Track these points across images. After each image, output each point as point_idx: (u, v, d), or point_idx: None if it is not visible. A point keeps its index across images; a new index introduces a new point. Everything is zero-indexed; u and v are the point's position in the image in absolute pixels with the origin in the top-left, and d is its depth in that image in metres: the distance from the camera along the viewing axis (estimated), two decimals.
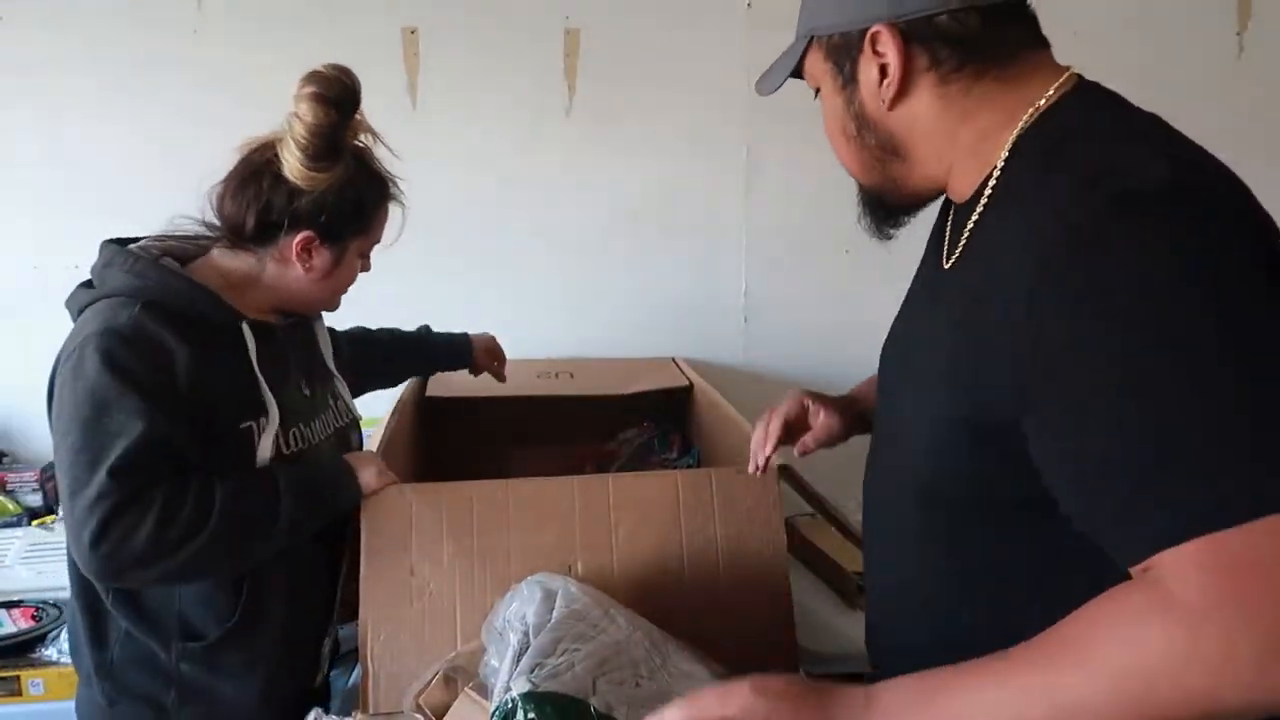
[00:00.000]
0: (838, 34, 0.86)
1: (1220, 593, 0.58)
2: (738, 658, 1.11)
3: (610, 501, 1.22)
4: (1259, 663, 0.56)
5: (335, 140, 1.16)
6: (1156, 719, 0.60)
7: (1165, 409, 0.63)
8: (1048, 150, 0.79)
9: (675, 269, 2.24)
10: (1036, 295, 0.70)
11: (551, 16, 2.14)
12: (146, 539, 1.05)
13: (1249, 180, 0.73)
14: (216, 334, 1.16)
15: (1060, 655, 0.63)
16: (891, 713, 0.69)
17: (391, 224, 1.30)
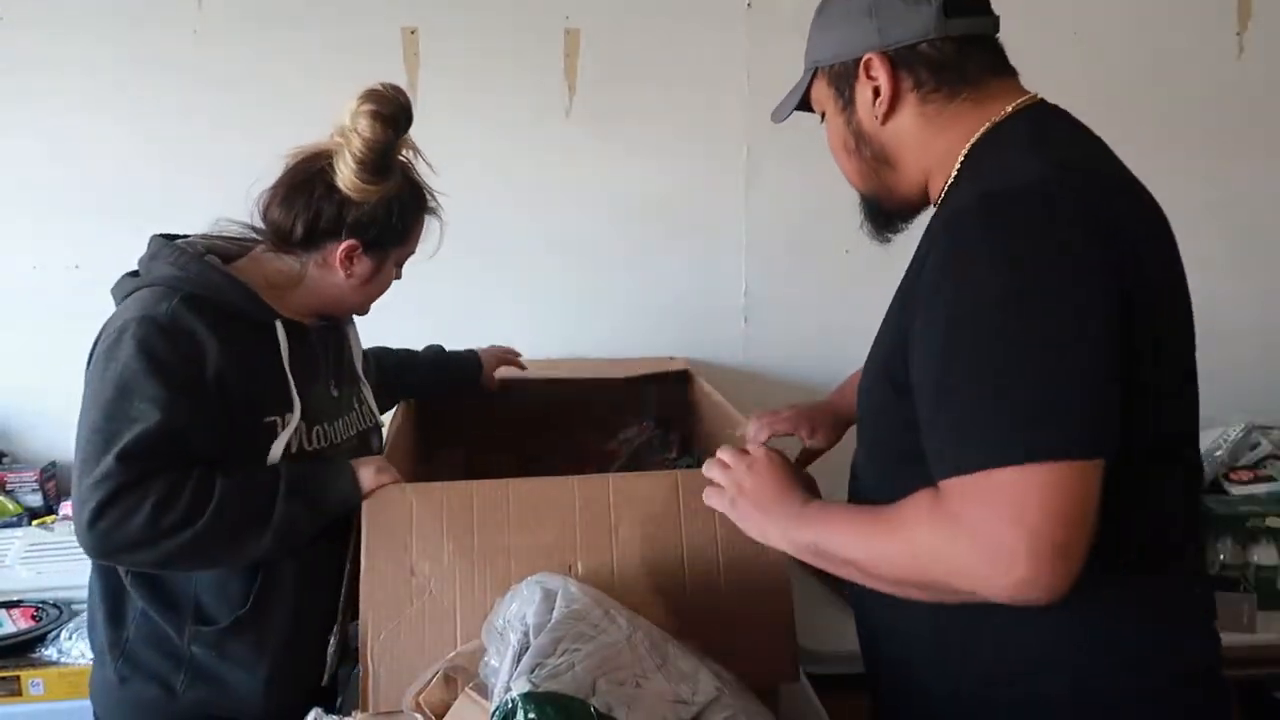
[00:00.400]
0: (838, 64, 1.03)
1: (968, 515, 0.82)
2: (738, 658, 1.12)
3: (610, 501, 1.22)
4: (978, 567, 0.81)
5: (388, 156, 1.22)
6: (919, 580, 0.88)
7: (957, 373, 0.85)
8: (978, 159, 0.96)
9: (675, 269, 2.24)
10: (922, 270, 0.91)
11: (551, 16, 2.14)
12: (141, 525, 1.08)
13: (1248, 179, 0.74)
14: (251, 330, 1.21)
15: (886, 522, 0.91)
16: (791, 516, 1.02)
17: (430, 236, 1.37)
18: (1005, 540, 0.79)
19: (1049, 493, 0.79)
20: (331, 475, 1.22)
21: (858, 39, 1.01)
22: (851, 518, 0.97)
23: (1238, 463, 2.12)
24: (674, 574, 1.20)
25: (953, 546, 0.83)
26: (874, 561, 0.92)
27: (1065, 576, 0.79)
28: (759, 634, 1.19)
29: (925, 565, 0.86)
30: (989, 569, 0.80)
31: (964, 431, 0.84)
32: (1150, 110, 2.23)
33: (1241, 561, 1.84)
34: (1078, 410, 0.81)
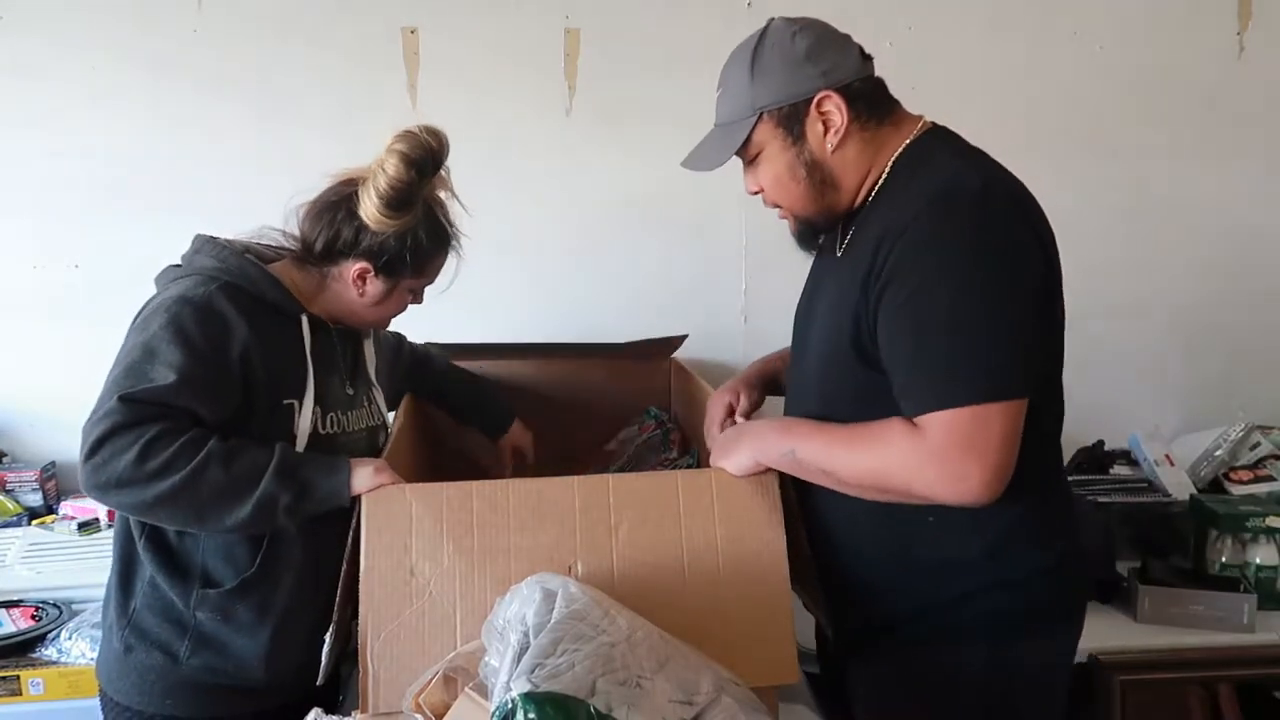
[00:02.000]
0: (786, 105, 1.20)
1: (936, 441, 1.07)
2: (738, 657, 1.12)
3: (610, 501, 1.22)
4: (938, 480, 1.07)
5: (410, 195, 1.30)
6: (883, 486, 1.13)
7: (940, 328, 1.08)
8: (910, 169, 1.20)
9: (675, 269, 2.24)
10: (894, 247, 1.11)
11: (551, 16, 2.14)
12: (129, 463, 1.14)
13: (1248, 178, 0.74)
14: (279, 320, 1.31)
15: (860, 439, 1.15)
16: (771, 431, 1.24)
17: (447, 271, 1.44)
18: (962, 464, 1.06)
19: (996, 425, 1.06)
20: (325, 468, 1.24)
21: (803, 83, 1.19)
22: (827, 433, 1.19)
23: (1238, 463, 2.12)
24: (674, 574, 1.20)
25: (920, 465, 1.08)
26: (846, 469, 1.15)
27: (998, 488, 1.07)
28: (759, 634, 1.19)
29: (892, 475, 1.11)
30: (947, 485, 1.07)
31: (935, 378, 1.08)
32: (1150, 110, 2.23)
33: (1241, 561, 1.84)
34: (1018, 363, 1.09)
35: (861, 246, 1.19)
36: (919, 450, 1.08)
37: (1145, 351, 2.31)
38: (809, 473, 1.20)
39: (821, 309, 1.29)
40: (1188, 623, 1.76)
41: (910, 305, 1.10)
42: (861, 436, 1.15)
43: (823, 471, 1.18)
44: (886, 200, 1.20)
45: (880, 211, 1.20)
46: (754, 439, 1.26)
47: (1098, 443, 2.16)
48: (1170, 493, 2.03)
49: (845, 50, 1.20)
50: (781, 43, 1.20)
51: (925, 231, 1.10)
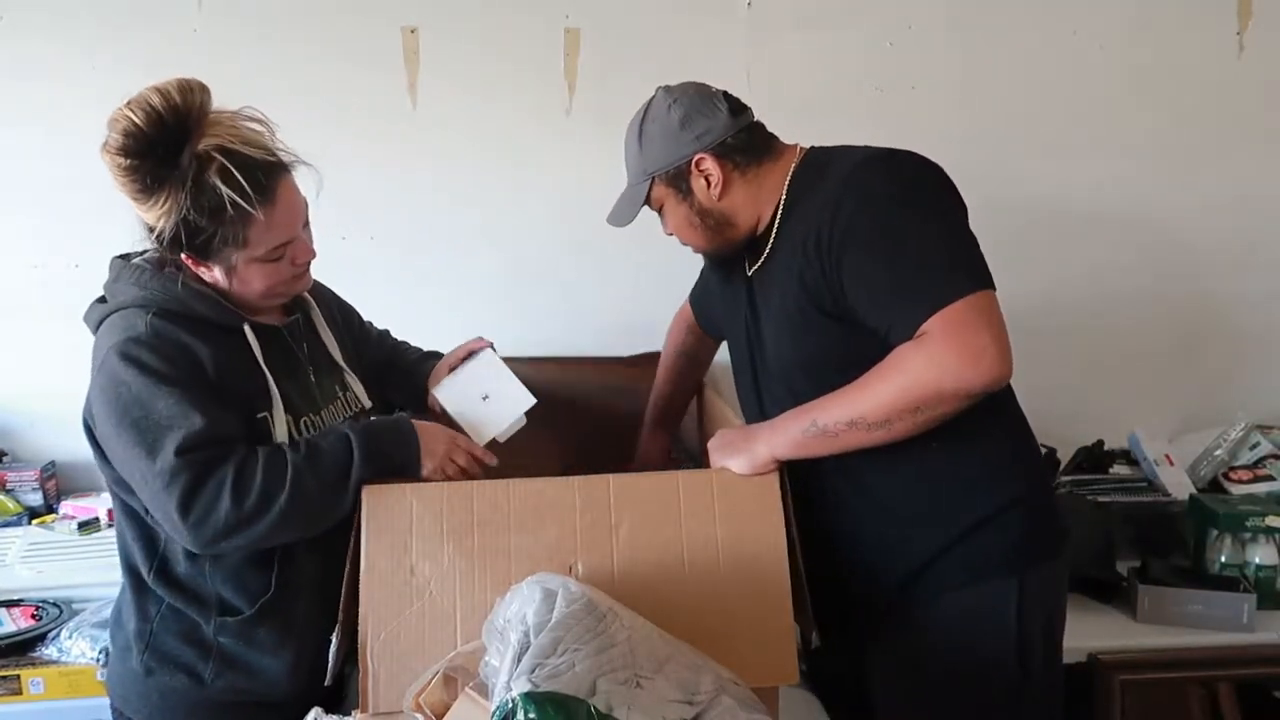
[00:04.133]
0: (671, 168, 1.38)
1: (946, 333, 1.16)
2: (738, 657, 1.12)
3: (610, 501, 1.22)
4: (961, 365, 1.15)
5: (145, 176, 1.16)
6: (915, 400, 1.18)
7: (909, 252, 1.20)
8: (810, 179, 1.35)
9: (675, 269, 2.23)
10: (836, 216, 1.24)
11: (551, 16, 2.14)
12: (227, 512, 1.13)
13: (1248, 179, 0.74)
14: (224, 334, 1.24)
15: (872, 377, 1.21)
16: (779, 421, 1.29)
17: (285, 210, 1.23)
18: (980, 341, 1.15)
19: (987, 307, 1.17)
20: (394, 440, 1.27)
21: (682, 148, 1.37)
22: (838, 392, 1.24)
23: (1238, 463, 2.12)
24: (674, 574, 1.20)
25: (943, 358, 1.15)
26: (874, 407, 1.20)
27: (1010, 364, 1.17)
28: (759, 634, 1.19)
29: (920, 385, 1.17)
30: (971, 367, 1.15)
31: (918, 293, 1.18)
32: (1150, 110, 2.23)
33: (1241, 561, 1.84)
34: (981, 261, 1.23)
35: (790, 241, 1.34)
36: (932, 349, 1.16)
37: (1145, 351, 2.31)
38: (838, 435, 1.23)
39: (770, 314, 1.39)
40: (1187, 622, 1.76)
41: (874, 249, 1.22)
42: (874, 376, 1.21)
43: (850, 424, 1.21)
44: (797, 210, 1.34)
45: (794, 220, 1.34)
46: (767, 433, 1.28)
47: (1098, 443, 2.16)
48: (1170, 492, 2.03)
49: (714, 114, 1.37)
50: (660, 115, 1.39)
51: (861, 192, 1.25)
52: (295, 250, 1.27)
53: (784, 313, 1.35)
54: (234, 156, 1.16)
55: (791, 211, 1.36)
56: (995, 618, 1.31)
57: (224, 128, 1.18)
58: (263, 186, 1.19)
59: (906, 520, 1.32)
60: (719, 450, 1.30)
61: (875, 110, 2.17)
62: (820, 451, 1.25)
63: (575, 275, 2.23)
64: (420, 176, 2.16)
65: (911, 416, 1.19)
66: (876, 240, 1.22)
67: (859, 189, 1.25)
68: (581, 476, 1.24)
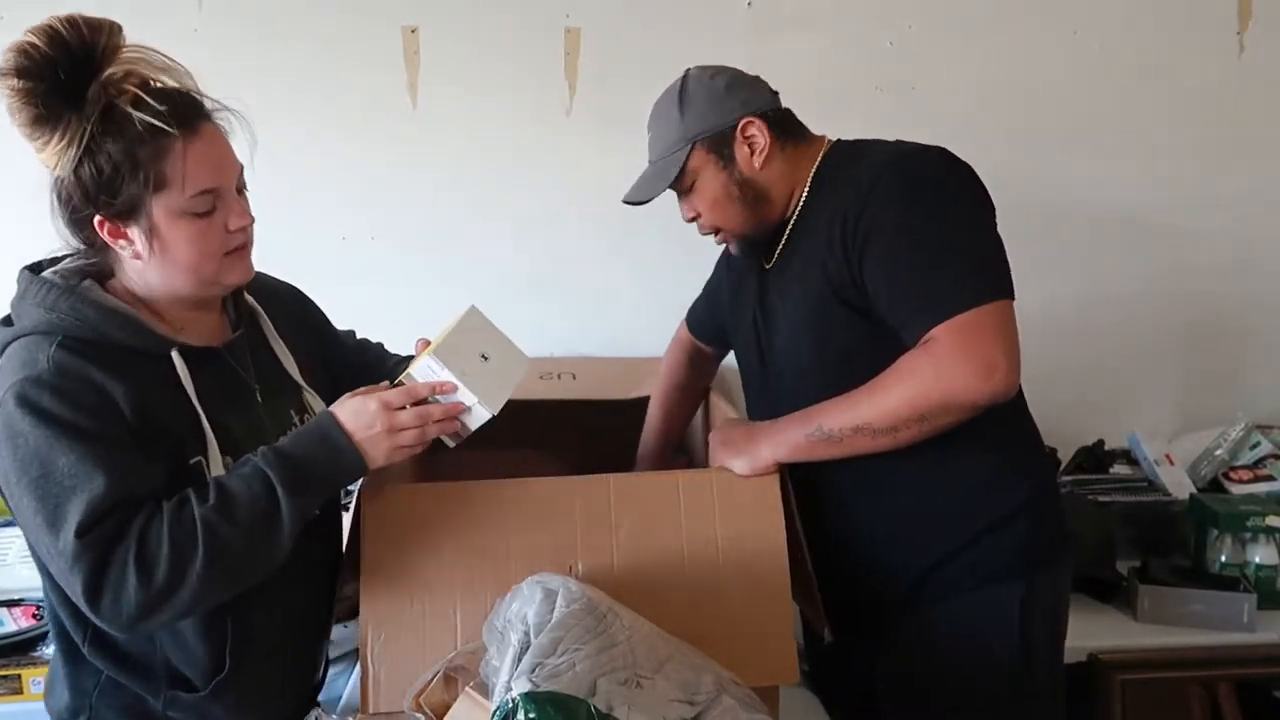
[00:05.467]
0: (715, 133, 1.35)
1: (956, 343, 1.15)
2: (738, 657, 1.12)
3: (610, 501, 1.22)
4: (970, 377, 1.14)
5: (39, 101, 1.01)
6: (924, 410, 1.17)
7: (931, 253, 1.20)
8: (836, 171, 1.34)
9: (675, 269, 2.24)
10: (863, 209, 1.23)
11: (551, 16, 2.14)
12: (136, 592, 0.96)
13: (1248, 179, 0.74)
14: (147, 364, 1.05)
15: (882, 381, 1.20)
16: (782, 423, 1.26)
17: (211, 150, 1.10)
18: (991, 354, 1.14)
19: (1000, 319, 1.16)
20: (326, 456, 1.06)
21: (729, 112, 1.35)
22: (844, 397, 1.22)
23: (1238, 463, 2.12)
24: (674, 574, 1.20)
25: (953, 368, 1.14)
26: (880, 414, 1.18)
27: (1018, 377, 1.17)
28: (759, 634, 1.19)
29: (928, 393, 1.16)
30: (981, 379, 1.14)
31: (933, 297, 1.17)
32: (1150, 110, 2.23)
33: (1241, 561, 1.84)
34: (1002, 269, 1.21)
35: (812, 231, 1.33)
36: (942, 358, 1.15)
37: (1145, 351, 2.31)
38: (842, 440, 1.22)
39: (787, 308, 1.37)
40: (1187, 622, 1.76)
41: (896, 246, 1.21)
42: (880, 382, 1.20)
43: (855, 430, 1.20)
44: (821, 201, 1.34)
45: (817, 211, 1.33)
46: (770, 434, 1.26)
47: (1098, 442, 2.16)
48: (1170, 492, 2.03)
49: (757, 86, 1.39)
50: (703, 82, 1.37)
51: (889, 186, 1.24)
52: (228, 208, 1.09)
53: (804, 306, 1.33)
54: (149, 87, 1.04)
55: (815, 202, 1.35)
56: (1002, 621, 1.31)
57: (140, 61, 1.05)
58: (184, 116, 1.05)
59: (917, 522, 1.32)
60: (721, 447, 1.29)
61: (875, 110, 2.17)
62: (823, 456, 1.23)
63: (575, 275, 2.23)
64: (420, 176, 2.16)
65: (918, 425, 1.18)
66: (899, 237, 1.21)
67: (888, 183, 1.24)
68: (581, 476, 1.25)
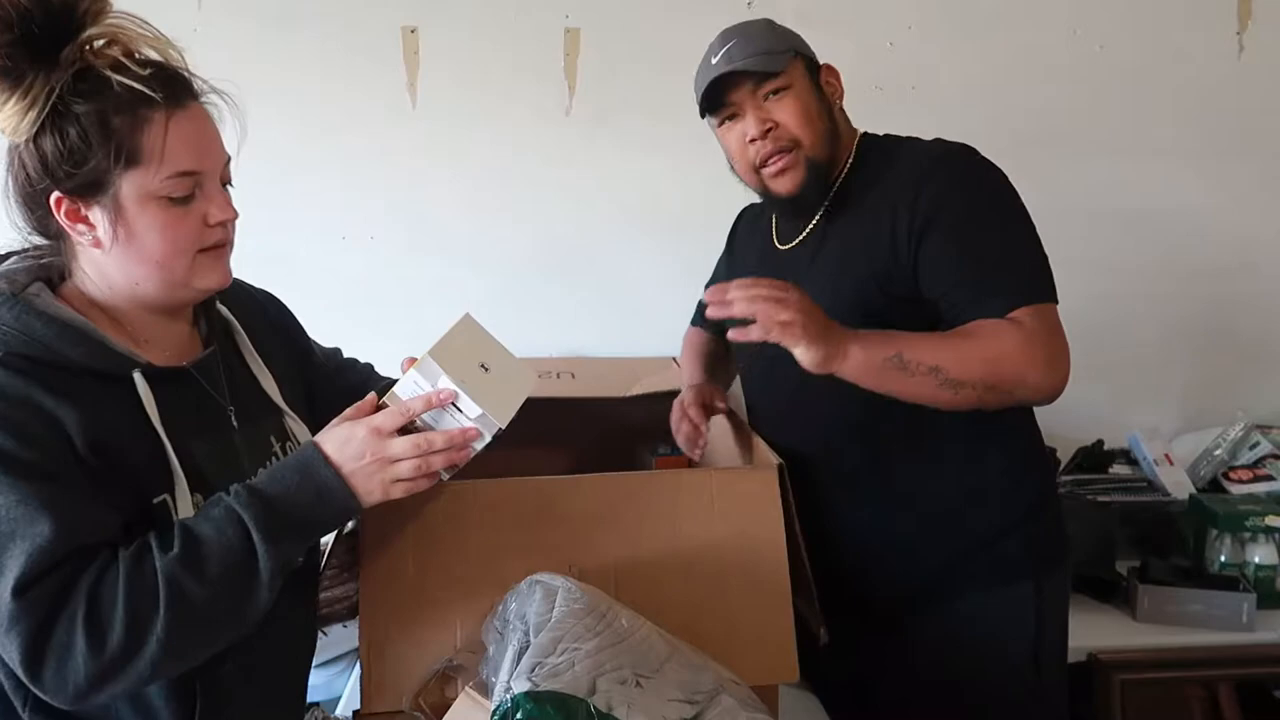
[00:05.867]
0: (810, 59, 1.38)
1: (1040, 329, 1.19)
2: (738, 657, 1.12)
3: (610, 501, 1.22)
4: (1048, 365, 1.19)
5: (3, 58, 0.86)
6: (993, 379, 1.18)
7: (1003, 241, 1.25)
8: (872, 161, 1.37)
9: (675, 268, 2.24)
10: (919, 198, 1.25)
11: (551, 16, 2.14)
12: (85, 660, 0.83)
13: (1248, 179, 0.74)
14: (103, 387, 0.91)
15: (968, 336, 1.20)
16: (865, 335, 1.18)
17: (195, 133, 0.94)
18: (1059, 349, 1.21)
19: (1059, 321, 1.22)
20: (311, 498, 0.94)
21: (813, 55, 1.39)
22: (927, 335, 1.21)
23: (1237, 463, 2.12)
24: (674, 573, 1.20)
25: (1032, 352, 1.18)
26: (959, 364, 1.17)
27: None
28: (759, 633, 1.19)
29: (1006, 362, 1.18)
30: (1051, 370, 1.19)
31: (1014, 280, 1.22)
32: (1150, 110, 2.23)
33: (1241, 561, 1.84)
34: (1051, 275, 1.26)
35: (852, 224, 1.34)
36: (1028, 338, 1.18)
37: (1145, 351, 2.31)
38: (913, 376, 1.17)
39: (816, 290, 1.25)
40: (1187, 622, 1.76)
41: (964, 229, 1.24)
42: (966, 333, 1.20)
43: (931, 370, 1.17)
44: (859, 186, 1.35)
45: (857, 197, 1.35)
46: (853, 338, 1.16)
47: (1098, 442, 2.16)
48: (1170, 492, 2.03)
49: None
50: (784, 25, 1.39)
51: (950, 176, 1.27)
52: (209, 199, 0.95)
53: (840, 289, 1.30)
54: (134, 56, 0.91)
55: (854, 186, 1.36)
56: (1016, 620, 1.32)
57: (126, 30, 0.91)
58: (171, 88, 0.92)
59: (933, 521, 1.32)
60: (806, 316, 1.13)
61: (875, 110, 2.16)
62: (883, 387, 1.19)
63: (575, 275, 2.23)
64: (420, 176, 2.17)
65: (982, 391, 1.18)
66: (967, 223, 1.24)
67: (948, 173, 1.27)
68: (581, 475, 1.24)
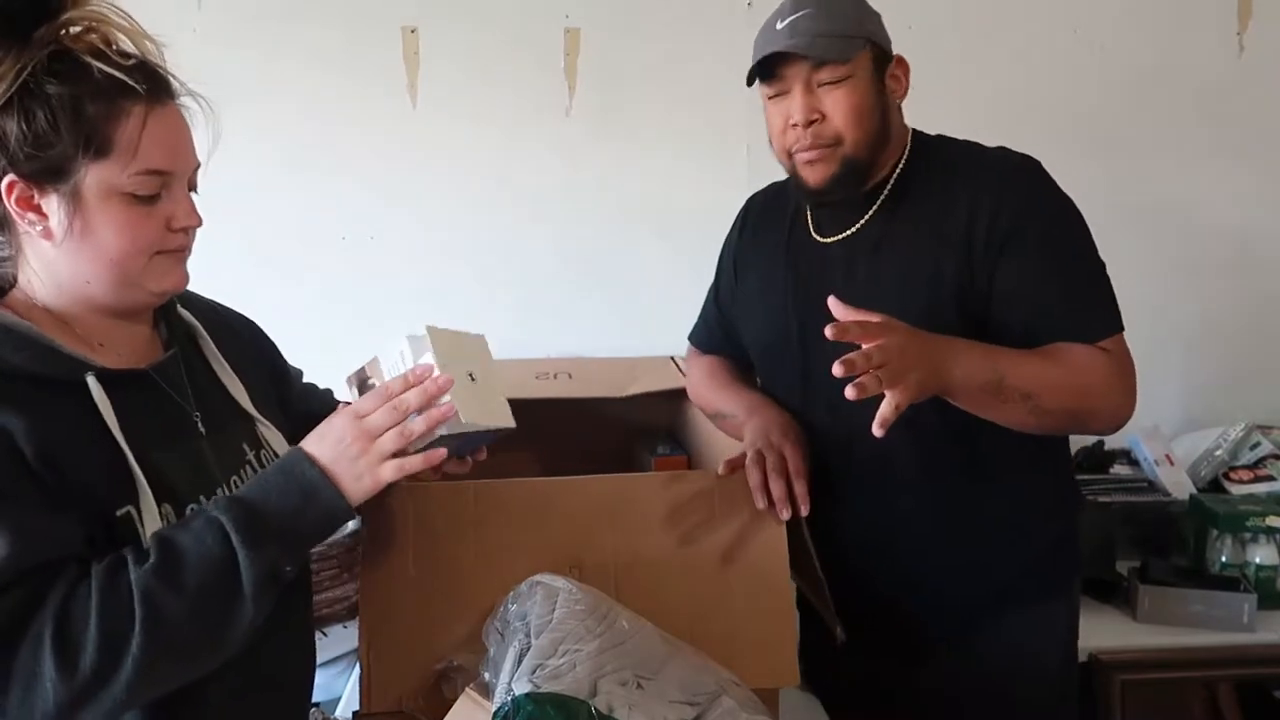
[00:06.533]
0: (881, 48, 1.26)
1: (1125, 362, 1.21)
2: (739, 658, 1.12)
3: (611, 501, 1.22)
4: (1127, 398, 1.20)
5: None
6: (1077, 407, 1.17)
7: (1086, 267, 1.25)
8: (928, 163, 1.30)
9: (675, 268, 2.24)
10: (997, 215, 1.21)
11: (551, 16, 2.14)
12: (55, 685, 0.76)
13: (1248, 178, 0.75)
14: (57, 394, 0.85)
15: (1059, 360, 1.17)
16: (965, 353, 1.11)
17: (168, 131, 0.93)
18: (1134, 382, 1.20)
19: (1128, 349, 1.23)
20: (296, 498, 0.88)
21: (888, 43, 1.29)
22: (1027, 356, 1.16)
23: (1238, 463, 2.12)
24: (674, 574, 1.20)
25: (1119, 385, 1.19)
26: (1052, 393, 1.14)
27: None
28: (759, 635, 1.19)
29: (1093, 395, 1.17)
30: (1128, 404, 1.20)
31: (1100, 308, 1.22)
32: (1150, 110, 2.23)
33: (1241, 561, 1.84)
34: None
35: (911, 228, 1.26)
36: (1117, 370, 1.18)
37: (1145, 351, 2.30)
38: (1005, 403, 1.12)
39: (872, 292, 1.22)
40: (1188, 622, 1.76)
41: (1048, 249, 1.21)
42: (1057, 358, 1.17)
43: (1025, 396, 1.12)
44: (916, 190, 1.28)
45: (916, 198, 1.28)
46: (950, 359, 1.08)
47: (1098, 442, 2.16)
48: (1170, 492, 2.03)
49: None
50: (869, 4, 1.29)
51: (1031, 191, 1.23)
52: (175, 202, 0.91)
53: (900, 294, 1.23)
54: (111, 46, 0.88)
55: (909, 187, 1.29)
56: (1054, 634, 1.35)
57: (108, 20, 0.90)
58: (152, 84, 0.89)
59: (985, 538, 1.30)
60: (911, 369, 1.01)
61: None
62: (971, 408, 1.13)
63: (575, 275, 2.23)
64: (420, 176, 2.17)
65: (1063, 419, 1.18)
66: (1053, 241, 1.21)
67: (1029, 186, 1.24)
68: (581, 476, 1.24)
